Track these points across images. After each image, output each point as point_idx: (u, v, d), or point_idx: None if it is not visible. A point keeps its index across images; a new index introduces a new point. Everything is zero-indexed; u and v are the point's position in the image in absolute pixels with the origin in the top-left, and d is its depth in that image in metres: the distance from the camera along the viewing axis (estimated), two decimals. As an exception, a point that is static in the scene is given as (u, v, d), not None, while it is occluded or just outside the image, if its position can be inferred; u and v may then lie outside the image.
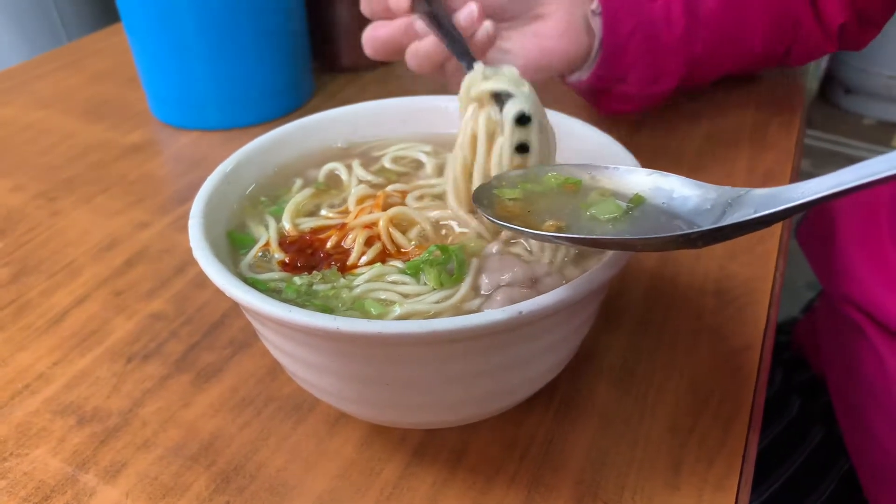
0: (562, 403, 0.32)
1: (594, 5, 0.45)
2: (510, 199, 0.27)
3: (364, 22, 0.63)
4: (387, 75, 0.64)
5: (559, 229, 0.24)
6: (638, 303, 0.38)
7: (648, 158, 0.47)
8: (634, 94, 0.50)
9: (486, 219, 0.26)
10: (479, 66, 0.30)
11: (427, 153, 0.35)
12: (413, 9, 0.38)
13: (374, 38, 0.40)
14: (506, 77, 0.30)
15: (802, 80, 0.60)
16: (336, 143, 0.37)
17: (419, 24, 0.38)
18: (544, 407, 0.32)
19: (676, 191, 0.25)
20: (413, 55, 0.38)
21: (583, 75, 0.48)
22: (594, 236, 0.24)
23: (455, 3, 0.39)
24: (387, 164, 0.36)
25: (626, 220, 0.25)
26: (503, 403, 0.29)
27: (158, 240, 0.44)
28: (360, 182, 0.33)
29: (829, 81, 1.96)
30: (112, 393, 0.34)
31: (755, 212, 0.21)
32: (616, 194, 0.26)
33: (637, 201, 0.25)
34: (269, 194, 0.33)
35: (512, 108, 0.29)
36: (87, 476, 0.30)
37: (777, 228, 0.43)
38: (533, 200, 0.27)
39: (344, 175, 0.34)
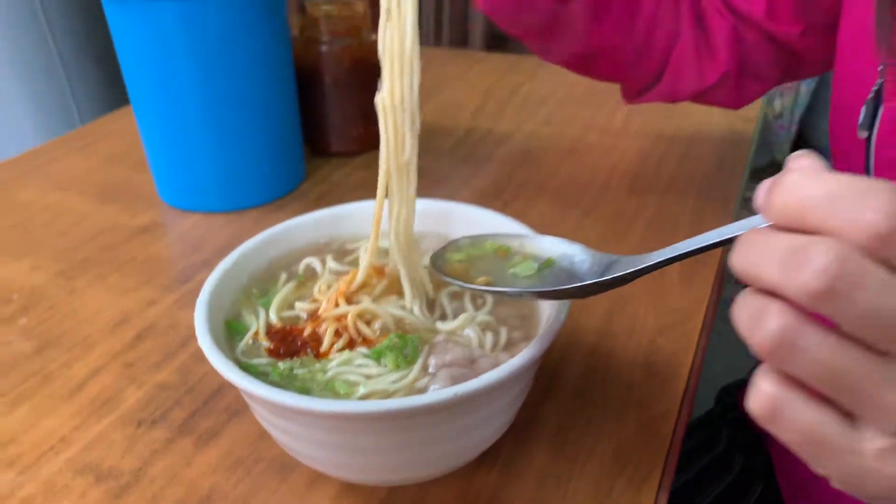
0: (504, 464, 0.38)
1: None
2: (457, 261, 0.34)
3: (348, 115, 0.71)
4: (370, 160, 0.72)
5: (488, 283, 0.32)
6: (577, 375, 0.44)
7: (597, 242, 0.54)
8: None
9: (437, 275, 0.34)
10: None
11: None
12: None
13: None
14: None
15: (740, 172, 0.67)
16: (320, 240, 0.44)
17: None
18: (490, 466, 0.38)
19: (577, 256, 0.32)
20: None
21: None
22: (510, 289, 0.31)
23: None
24: (361, 254, 0.42)
25: (538, 277, 0.32)
26: (452, 465, 0.35)
27: (165, 316, 0.51)
28: (331, 273, 0.40)
29: (802, 146, 2.06)
30: (125, 454, 0.40)
31: (621, 271, 0.28)
32: (534, 258, 0.33)
33: (548, 263, 0.33)
34: (260, 287, 0.39)
35: None
36: (103, 527, 0.36)
37: (702, 307, 0.49)
38: (473, 262, 0.34)
39: (318, 268, 0.41)
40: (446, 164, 0.71)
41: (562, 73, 0.87)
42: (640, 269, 0.28)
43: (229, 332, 0.36)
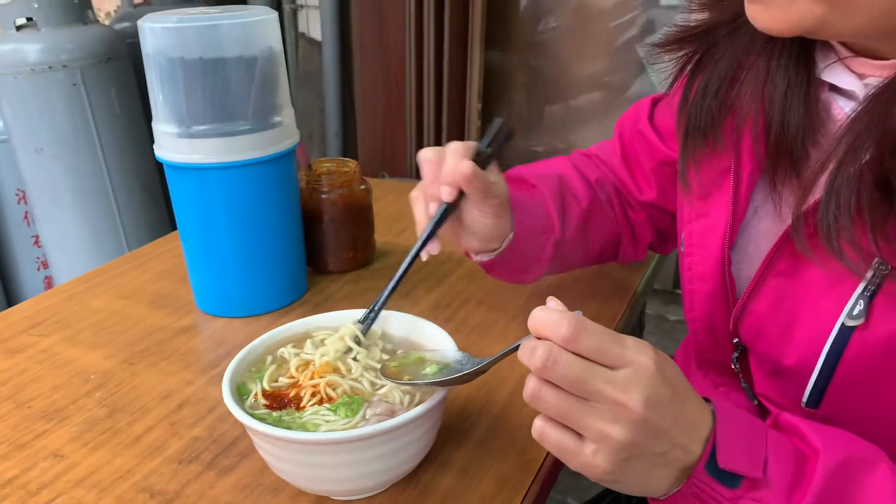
0: (421, 487, 0.57)
1: (509, 223, 0.68)
2: (393, 367, 0.55)
3: (342, 243, 0.92)
4: (357, 277, 0.93)
5: (410, 379, 0.52)
6: (481, 432, 0.63)
7: (518, 338, 0.74)
8: (510, 276, 0.76)
9: (381, 377, 0.54)
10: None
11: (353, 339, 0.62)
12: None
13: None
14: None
15: (629, 296, 0.88)
16: (300, 332, 0.64)
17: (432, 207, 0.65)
18: (413, 488, 0.57)
19: (463, 360, 0.53)
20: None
21: (484, 258, 0.72)
22: (422, 381, 0.52)
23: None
24: (327, 343, 0.63)
25: (440, 373, 0.52)
26: (383, 481, 0.54)
27: (198, 391, 0.71)
28: (297, 355, 0.61)
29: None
30: (169, 481, 0.59)
31: (478, 364, 0.49)
32: (438, 363, 0.54)
33: (447, 366, 0.53)
34: (257, 367, 0.60)
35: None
36: (156, 523, 0.55)
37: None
38: (402, 367, 0.55)
39: (287, 355, 0.61)
40: (415, 279, 0.92)
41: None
42: (480, 368, 0.50)
43: (240, 394, 0.57)
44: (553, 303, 0.45)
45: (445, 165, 0.63)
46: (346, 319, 0.64)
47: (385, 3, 1.96)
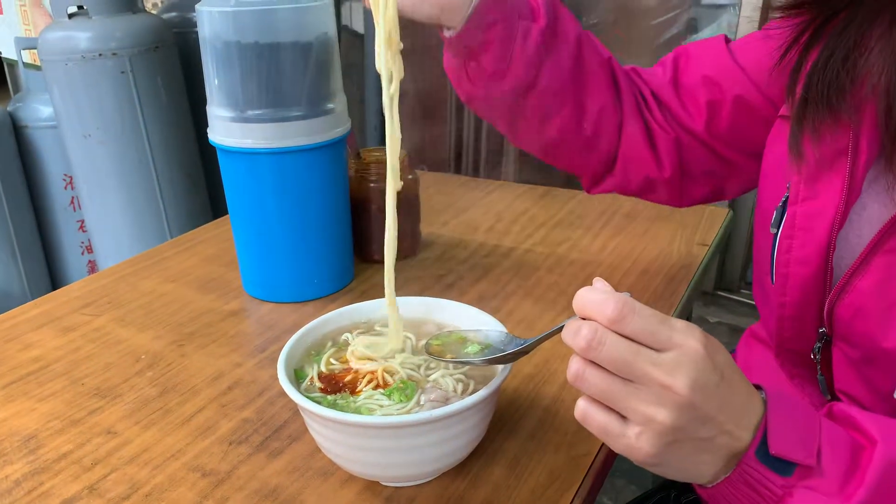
0: (472, 476, 0.56)
1: None
2: (436, 345, 0.55)
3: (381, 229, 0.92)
4: (403, 267, 0.93)
5: (453, 357, 0.52)
6: (532, 423, 0.62)
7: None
8: (487, 75, 0.65)
9: (425, 354, 0.55)
10: None
11: (407, 336, 0.62)
12: None
13: None
14: None
15: (683, 290, 0.86)
16: (362, 319, 0.64)
17: None
18: (463, 477, 0.56)
19: (506, 340, 0.53)
20: None
21: (453, 32, 0.63)
22: (464, 359, 0.52)
23: None
24: (377, 327, 0.63)
25: (482, 353, 0.53)
26: (433, 470, 0.53)
27: (247, 374, 0.71)
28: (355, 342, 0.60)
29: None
30: (220, 461, 0.60)
31: (521, 345, 0.50)
32: (481, 343, 0.54)
33: (489, 346, 0.53)
34: (316, 350, 0.60)
35: None
36: (208, 503, 0.55)
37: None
38: (445, 345, 0.55)
39: (349, 338, 0.61)
40: (460, 270, 0.92)
41: (558, 203, 1.09)
42: (522, 349, 0.50)
43: (297, 378, 0.57)
44: (600, 283, 0.44)
45: None
46: (405, 306, 0.63)
47: None
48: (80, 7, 1.62)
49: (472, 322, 0.61)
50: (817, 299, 0.56)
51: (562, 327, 0.43)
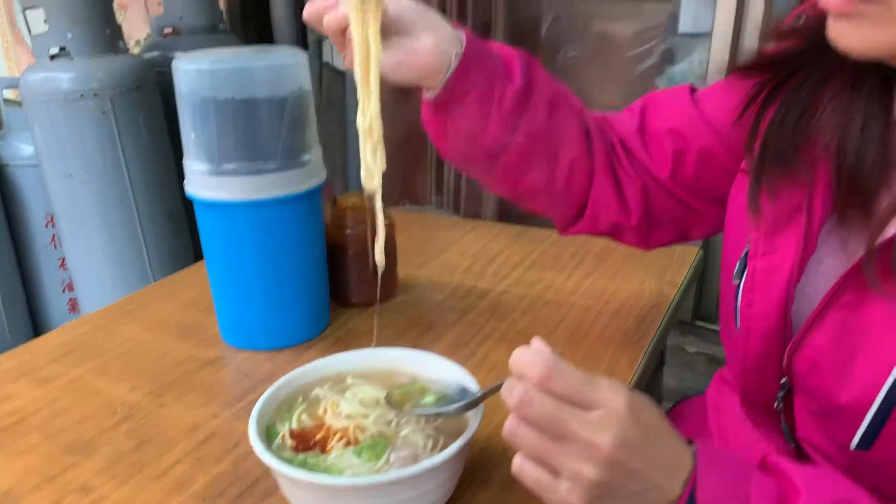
0: (443, 530, 0.58)
1: (458, 51, 0.63)
2: (398, 394, 0.58)
3: (364, 277, 0.94)
4: (382, 310, 0.94)
5: (412, 407, 0.56)
6: (502, 476, 0.64)
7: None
8: (463, 135, 0.67)
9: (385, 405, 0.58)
10: None
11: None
12: None
13: (311, 8, 0.61)
14: None
15: (654, 329, 0.88)
16: (333, 373, 0.66)
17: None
18: (433, 532, 0.57)
19: (460, 392, 0.57)
20: (329, 17, 0.59)
21: (433, 93, 0.64)
22: (419, 411, 0.56)
23: None
24: (349, 380, 0.64)
25: (437, 403, 0.57)
26: (404, 525, 0.54)
27: (224, 425, 0.72)
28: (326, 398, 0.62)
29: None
30: (195, 517, 0.60)
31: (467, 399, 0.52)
32: (437, 393, 0.58)
33: (445, 396, 0.56)
34: (288, 405, 0.61)
35: None
36: (182, 560, 0.56)
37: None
38: (406, 395, 0.59)
39: (321, 394, 0.62)
40: (437, 314, 0.93)
41: (533, 242, 1.11)
42: (469, 402, 0.54)
43: (269, 435, 0.58)
44: (537, 343, 0.47)
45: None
46: (376, 357, 0.65)
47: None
48: (62, 49, 1.64)
49: (441, 371, 0.62)
50: (778, 352, 0.58)
51: (502, 384, 0.47)
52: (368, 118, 0.60)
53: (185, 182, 0.83)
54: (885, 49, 0.46)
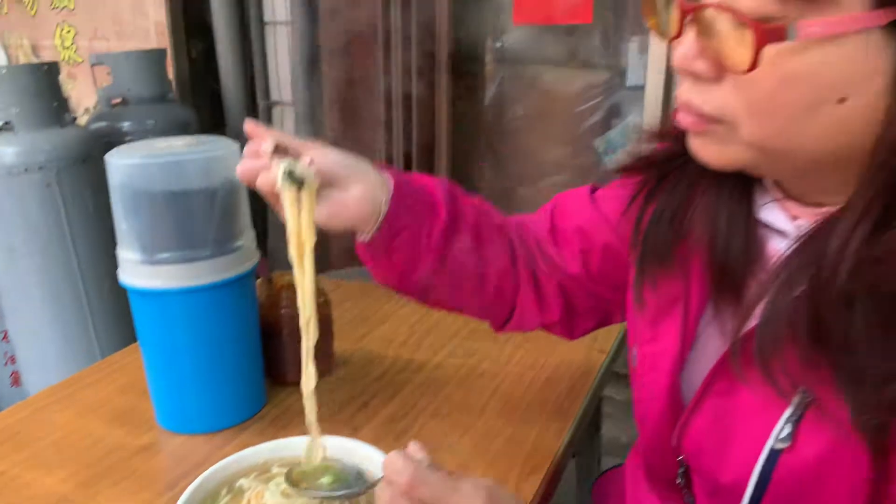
0: None
1: (386, 198, 0.67)
2: (296, 472, 0.61)
3: (299, 356, 0.95)
4: (318, 387, 0.95)
5: (306, 487, 0.59)
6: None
7: (469, 456, 0.77)
8: (397, 270, 0.71)
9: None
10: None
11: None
12: (272, 156, 0.62)
13: (244, 166, 0.64)
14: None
15: (582, 397, 0.92)
16: (259, 462, 0.67)
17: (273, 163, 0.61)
18: None
19: (355, 477, 0.61)
20: (262, 181, 0.62)
21: (366, 237, 0.68)
22: (312, 493, 0.59)
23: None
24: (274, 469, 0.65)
25: (333, 485, 0.61)
26: None
27: (154, 516, 0.73)
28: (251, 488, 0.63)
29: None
30: None
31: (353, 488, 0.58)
32: (335, 474, 0.62)
33: (341, 479, 0.62)
34: (212, 497, 0.62)
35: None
36: None
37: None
38: (304, 474, 0.62)
39: (245, 484, 0.64)
40: (374, 389, 0.95)
41: (466, 315, 1.12)
42: (352, 492, 0.59)
43: (194, 531, 0.59)
44: (412, 447, 0.53)
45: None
46: (302, 445, 0.67)
47: (358, 101, 2.05)
48: (6, 123, 1.65)
49: (353, 454, 0.66)
50: (670, 433, 0.62)
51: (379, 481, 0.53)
52: (307, 316, 0.67)
53: (118, 270, 0.85)
54: (736, 162, 0.51)
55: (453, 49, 2.04)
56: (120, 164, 0.79)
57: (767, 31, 0.42)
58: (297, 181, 0.61)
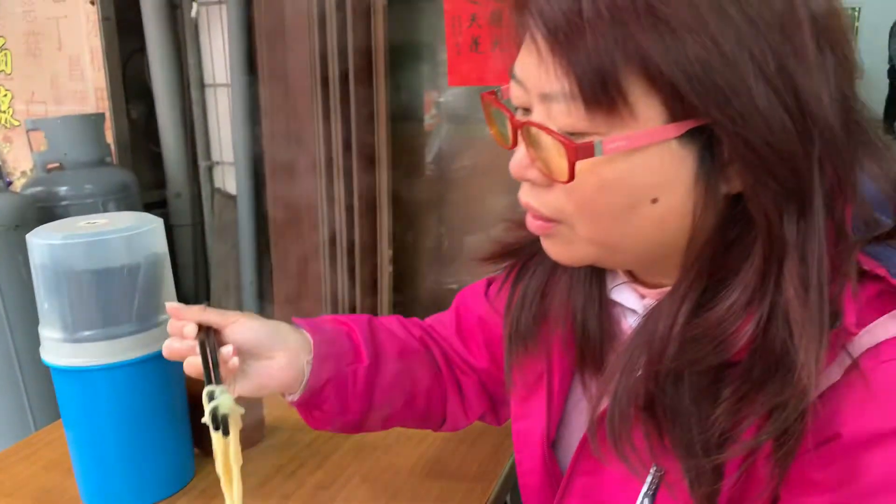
0: None
1: (308, 358, 0.68)
2: None
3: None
4: (246, 456, 0.95)
5: None
6: None
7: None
8: (329, 417, 0.73)
9: None
10: (210, 387, 0.63)
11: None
12: (196, 336, 0.65)
13: (169, 347, 0.67)
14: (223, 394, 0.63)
15: (504, 463, 0.94)
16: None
17: (197, 347, 0.64)
18: None
19: None
20: (187, 364, 0.66)
21: (294, 398, 0.70)
22: None
23: (222, 340, 0.66)
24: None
25: None
26: None
27: None
28: None
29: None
30: None
31: None
32: None
33: None
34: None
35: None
36: None
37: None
38: None
39: None
40: (302, 457, 0.96)
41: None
42: None
43: None
44: None
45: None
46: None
47: (297, 158, 2.08)
48: (-65, 191, 1.63)
49: None
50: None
51: None
52: None
53: (40, 349, 0.85)
54: (585, 258, 0.53)
55: (393, 101, 2.10)
56: (41, 243, 0.80)
57: (577, 148, 0.46)
58: (223, 422, 0.67)
